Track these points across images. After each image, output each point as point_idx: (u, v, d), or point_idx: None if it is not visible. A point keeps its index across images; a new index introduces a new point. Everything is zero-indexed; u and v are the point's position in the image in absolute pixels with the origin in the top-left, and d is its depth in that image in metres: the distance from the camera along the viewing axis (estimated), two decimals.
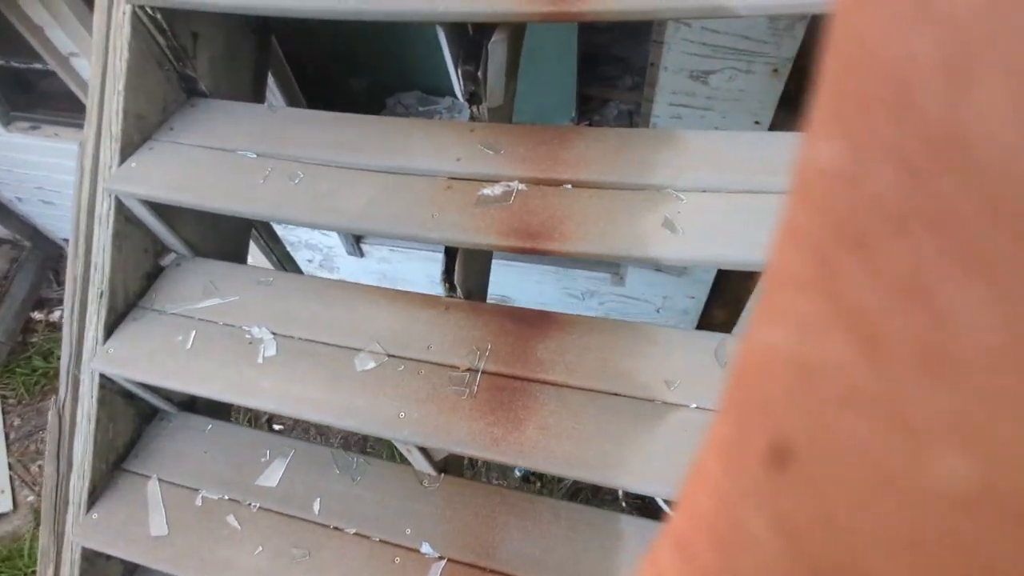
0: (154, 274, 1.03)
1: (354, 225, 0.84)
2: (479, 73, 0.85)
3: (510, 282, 2.23)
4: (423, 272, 2.38)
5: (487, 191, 0.84)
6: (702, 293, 2.01)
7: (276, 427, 1.51)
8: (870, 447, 0.08)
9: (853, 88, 0.08)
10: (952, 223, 0.07)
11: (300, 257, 2.54)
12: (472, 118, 0.95)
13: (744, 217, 0.74)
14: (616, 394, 0.80)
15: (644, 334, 0.86)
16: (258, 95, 1.15)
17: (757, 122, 1.47)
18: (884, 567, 0.08)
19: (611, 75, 1.98)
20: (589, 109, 2.05)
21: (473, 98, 0.91)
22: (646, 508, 2.09)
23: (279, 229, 2.38)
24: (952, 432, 0.07)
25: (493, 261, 1.14)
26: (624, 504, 2.13)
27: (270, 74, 1.38)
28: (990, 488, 0.07)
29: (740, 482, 0.10)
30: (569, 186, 0.82)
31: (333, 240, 2.32)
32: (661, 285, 2.04)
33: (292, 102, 1.52)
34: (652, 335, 0.86)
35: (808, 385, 0.09)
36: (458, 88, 0.90)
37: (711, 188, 0.77)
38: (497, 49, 0.82)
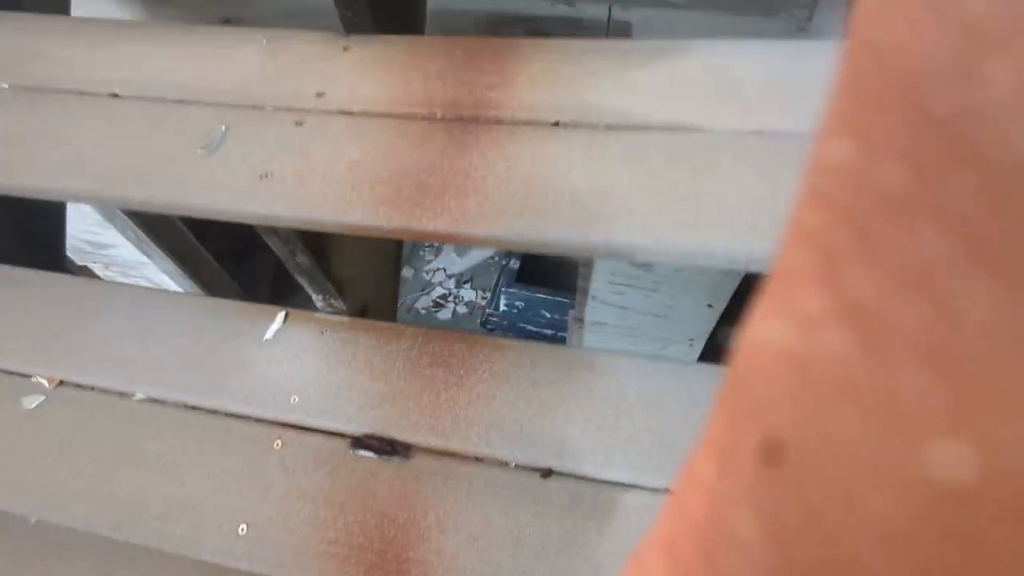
0: None
1: None
2: None
3: None
4: None
5: None
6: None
7: None
8: (863, 441, 0.08)
9: (864, 91, 0.08)
10: (958, 216, 0.07)
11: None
12: None
13: None
14: None
15: None
16: None
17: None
18: (875, 563, 0.07)
19: None
20: None
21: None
22: None
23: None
24: (950, 423, 0.07)
25: None
26: None
27: None
28: (989, 480, 0.07)
29: (730, 482, 0.09)
30: None
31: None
32: None
33: None
34: None
35: (804, 380, 0.08)
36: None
37: None
38: None
